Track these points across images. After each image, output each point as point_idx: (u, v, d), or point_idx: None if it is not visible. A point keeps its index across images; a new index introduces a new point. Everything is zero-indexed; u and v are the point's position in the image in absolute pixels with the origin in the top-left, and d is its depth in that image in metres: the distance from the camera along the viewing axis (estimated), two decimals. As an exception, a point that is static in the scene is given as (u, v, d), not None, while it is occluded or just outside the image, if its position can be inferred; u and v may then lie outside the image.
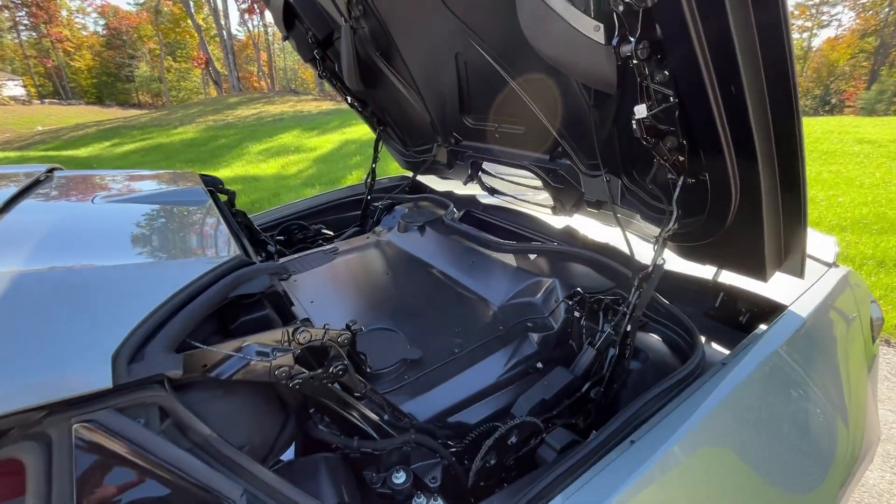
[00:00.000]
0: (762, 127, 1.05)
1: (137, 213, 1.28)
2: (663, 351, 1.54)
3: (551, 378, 1.47)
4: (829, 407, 1.29)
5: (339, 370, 1.02)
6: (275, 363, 0.94)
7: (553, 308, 1.76)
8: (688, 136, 1.16)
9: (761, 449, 1.11)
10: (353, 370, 1.04)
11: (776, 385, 1.23)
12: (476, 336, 1.69)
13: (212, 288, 0.93)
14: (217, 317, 1.01)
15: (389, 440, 1.09)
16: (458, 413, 1.46)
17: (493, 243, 2.13)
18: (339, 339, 1.02)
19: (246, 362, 0.89)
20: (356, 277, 2.19)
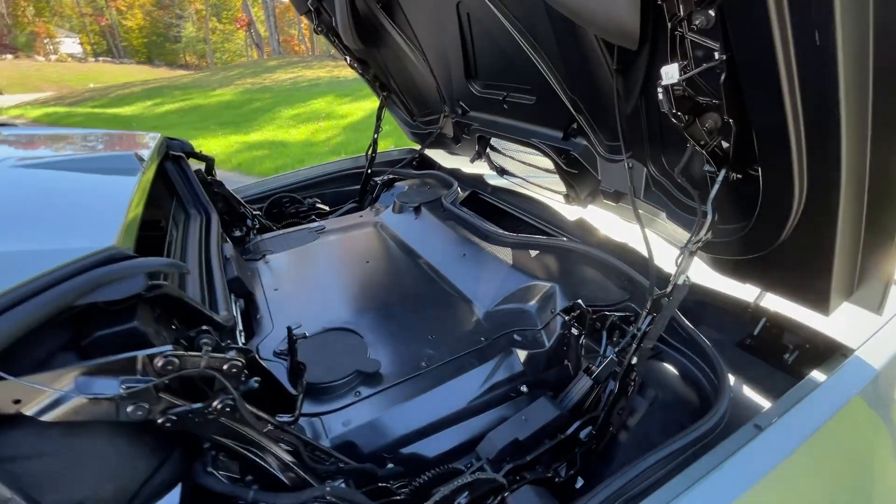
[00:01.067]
0: (857, 101, 0.69)
1: (35, 181, 1.06)
2: (678, 389, 1.21)
3: (532, 411, 1.18)
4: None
5: (225, 405, 0.78)
6: (124, 399, 0.70)
7: (548, 320, 1.46)
8: (737, 113, 0.80)
9: None
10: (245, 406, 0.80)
11: (832, 466, 0.90)
12: (452, 346, 1.41)
13: (47, 293, 0.69)
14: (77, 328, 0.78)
15: (295, 495, 0.86)
16: (415, 443, 1.21)
17: (491, 234, 1.82)
18: (225, 368, 0.77)
19: (75, 400, 0.66)
20: (333, 263, 1.95)
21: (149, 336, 0.79)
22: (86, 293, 0.72)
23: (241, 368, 0.79)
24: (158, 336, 0.82)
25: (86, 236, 0.86)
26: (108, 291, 0.75)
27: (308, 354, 1.36)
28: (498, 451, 1.10)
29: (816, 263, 0.95)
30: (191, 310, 0.96)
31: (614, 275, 1.52)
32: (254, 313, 1.61)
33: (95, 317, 0.78)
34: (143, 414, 0.72)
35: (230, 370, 0.77)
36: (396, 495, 1.02)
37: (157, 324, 0.84)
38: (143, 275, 0.79)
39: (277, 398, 1.01)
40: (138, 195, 1.13)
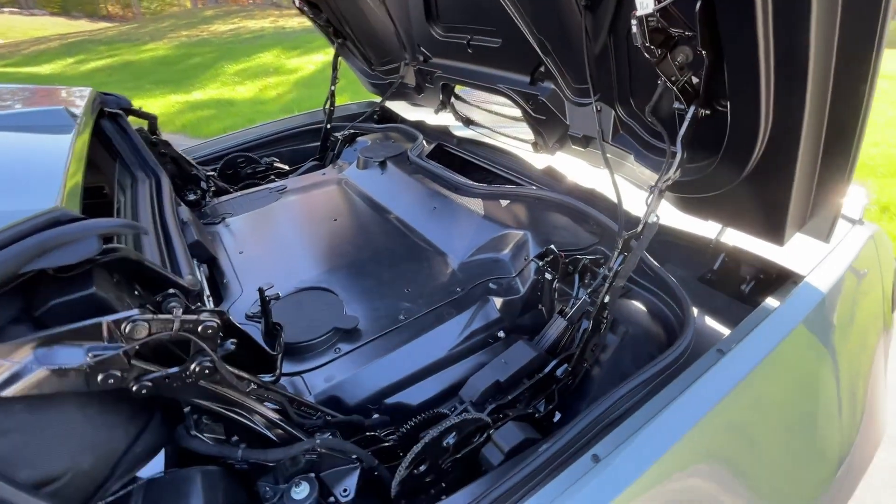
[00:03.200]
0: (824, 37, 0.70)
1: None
2: (646, 324, 1.28)
3: (510, 354, 1.22)
4: (841, 407, 1.06)
5: (203, 368, 0.75)
6: (93, 368, 0.66)
7: (521, 267, 1.48)
8: (710, 45, 0.80)
9: (760, 471, 0.89)
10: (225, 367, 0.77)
11: (785, 383, 0.99)
12: (428, 299, 1.42)
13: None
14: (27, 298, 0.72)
15: (284, 449, 0.86)
16: (398, 393, 1.23)
17: (462, 186, 1.80)
18: (200, 330, 0.74)
19: (37, 373, 0.62)
20: (299, 223, 1.88)
21: (110, 302, 0.74)
22: (32, 259, 0.66)
23: (217, 329, 0.75)
24: (121, 302, 0.77)
25: (23, 199, 0.78)
26: (57, 256, 0.68)
27: (283, 315, 1.33)
28: (480, 393, 1.14)
29: (775, 197, 1.00)
30: (152, 274, 0.91)
31: (583, 220, 1.55)
32: (220, 278, 1.55)
33: (46, 285, 0.72)
34: (114, 382, 0.69)
35: (205, 331, 0.74)
36: (385, 442, 1.05)
37: (117, 290, 0.79)
38: (95, 237, 0.72)
39: (256, 360, 0.98)
40: (77, 155, 1.03)
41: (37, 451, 0.67)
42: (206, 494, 0.80)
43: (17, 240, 0.66)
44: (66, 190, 0.82)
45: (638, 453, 0.80)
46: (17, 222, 0.68)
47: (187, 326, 0.73)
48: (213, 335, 0.76)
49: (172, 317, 0.71)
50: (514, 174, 1.93)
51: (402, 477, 0.91)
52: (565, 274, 1.38)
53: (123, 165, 1.65)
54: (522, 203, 1.67)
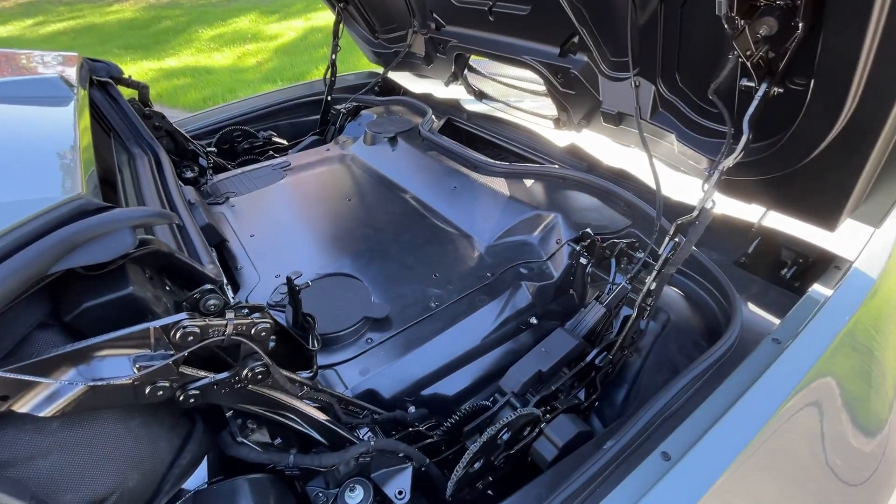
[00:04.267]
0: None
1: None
2: (686, 311, 1.25)
3: (551, 343, 1.18)
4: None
5: (256, 373, 0.68)
6: (141, 379, 0.58)
7: (553, 251, 1.43)
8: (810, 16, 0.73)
9: (826, 473, 0.87)
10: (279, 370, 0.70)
11: (846, 375, 0.97)
12: (458, 284, 1.36)
13: (12, 260, 0.53)
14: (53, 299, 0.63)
15: (339, 454, 0.81)
16: (434, 384, 1.19)
17: (481, 164, 1.72)
18: (254, 332, 0.66)
19: (78, 389, 0.54)
20: (310, 203, 1.77)
21: (148, 303, 0.66)
22: (61, 257, 0.57)
23: (271, 329, 0.68)
24: (158, 302, 0.69)
25: (35, 184, 0.67)
26: (89, 252, 0.59)
27: (306, 304, 1.25)
28: (522, 384, 1.09)
29: (840, 182, 0.95)
30: (183, 268, 0.82)
31: (614, 201, 1.50)
32: (233, 264, 1.45)
33: (75, 285, 0.63)
34: (164, 394, 0.61)
35: (259, 334, 0.67)
36: (430, 438, 1.00)
37: (153, 288, 0.70)
38: (129, 229, 0.63)
39: (293, 356, 0.92)
40: (83, 129, 0.91)
41: (80, 471, 0.60)
42: (255, 500, 0.75)
43: (42, 235, 0.57)
44: (83, 173, 0.72)
45: (713, 452, 0.77)
46: (38, 213, 0.59)
47: (240, 329, 0.65)
48: (266, 337, 0.68)
49: (225, 321, 0.63)
50: (533, 152, 1.85)
51: (458, 476, 0.87)
52: (601, 258, 1.34)
53: (119, 141, 1.51)
54: (548, 183, 1.61)
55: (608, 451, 0.82)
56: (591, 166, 1.69)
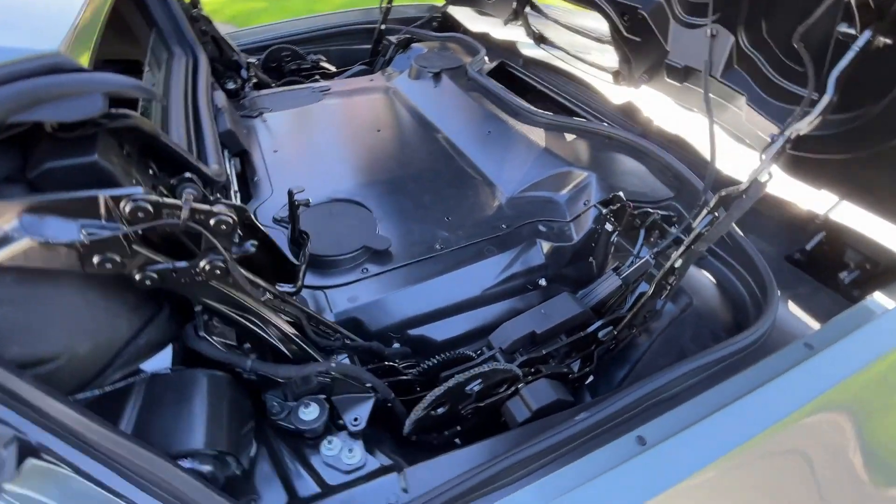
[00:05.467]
0: None
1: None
2: (714, 298, 1.12)
3: (552, 306, 1.10)
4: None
5: (214, 268, 0.66)
6: (87, 248, 0.57)
7: (579, 212, 1.31)
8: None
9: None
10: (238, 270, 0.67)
11: (879, 411, 0.82)
12: (469, 231, 1.28)
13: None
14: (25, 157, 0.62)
15: (297, 367, 0.79)
16: (424, 326, 1.15)
17: (523, 111, 1.58)
18: (213, 224, 0.63)
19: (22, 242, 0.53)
20: (340, 129, 1.72)
21: (115, 176, 0.63)
22: (22, 109, 0.55)
23: (233, 225, 0.65)
24: (128, 178, 0.66)
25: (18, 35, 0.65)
26: (53, 110, 0.57)
27: (311, 225, 1.23)
28: (512, 341, 1.03)
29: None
30: (171, 154, 0.80)
31: (660, 169, 1.33)
32: (251, 175, 1.45)
33: (43, 145, 0.61)
34: (113, 268, 0.60)
35: (218, 226, 0.64)
36: (403, 375, 0.97)
37: (126, 164, 0.68)
38: (100, 95, 0.60)
39: (277, 267, 0.90)
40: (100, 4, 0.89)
41: (30, 328, 0.60)
42: (209, 398, 0.75)
43: (4, 83, 0.55)
44: (74, 34, 0.69)
45: (696, 445, 0.68)
46: (7, 62, 0.56)
47: (198, 217, 0.62)
48: (228, 232, 0.65)
49: (181, 202, 0.60)
50: (585, 107, 1.69)
51: (417, 416, 0.84)
52: (629, 228, 1.21)
53: (159, 37, 1.51)
54: (591, 140, 1.46)
55: (579, 422, 0.75)
56: (645, 130, 1.51)
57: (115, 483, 0.56)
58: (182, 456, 0.68)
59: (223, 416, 0.74)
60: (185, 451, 0.68)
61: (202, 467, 0.68)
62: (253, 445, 0.81)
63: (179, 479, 0.61)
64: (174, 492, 0.59)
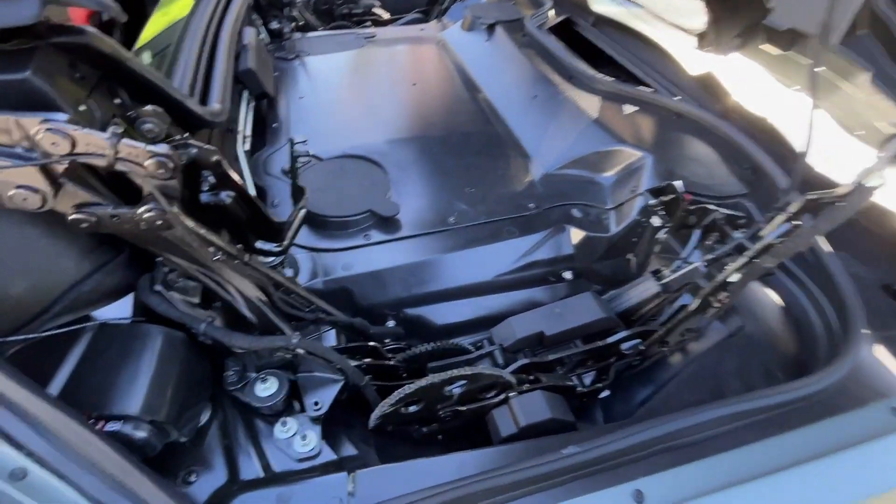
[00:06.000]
0: None
1: None
2: (776, 326, 0.91)
3: (570, 305, 0.94)
4: None
5: (152, 217, 0.57)
6: None
7: (624, 199, 1.11)
8: None
9: None
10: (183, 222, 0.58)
11: None
12: (491, 206, 1.13)
13: None
14: None
15: (251, 338, 0.70)
16: (422, 306, 1.03)
17: (579, 75, 1.36)
18: (147, 165, 0.53)
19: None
20: (374, 79, 1.59)
21: (54, 99, 0.55)
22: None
23: (173, 169, 0.55)
24: (75, 104, 0.58)
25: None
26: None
27: (318, 180, 1.14)
28: (516, 340, 0.89)
29: None
30: (144, 83, 0.71)
31: (735, 157, 1.09)
32: (270, 120, 1.36)
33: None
34: (30, 203, 0.52)
35: (154, 169, 0.54)
36: (386, 359, 0.87)
37: (76, 87, 0.60)
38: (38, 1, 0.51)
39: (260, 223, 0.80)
40: None
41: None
42: (159, 359, 0.68)
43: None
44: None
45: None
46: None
47: (129, 154, 0.53)
48: (167, 177, 0.55)
49: (107, 136, 0.51)
50: (656, 76, 1.42)
51: (383, 412, 0.73)
52: (682, 225, 1.00)
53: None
54: (655, 115, 1.23)
55: (568, 456, 0.61)
56: (725, 108, 1.25)
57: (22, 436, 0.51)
58: (113, 419, 0.62)
59: (169, 381, 0.67)
60: (116, 415, 0.62)
61: (135, 433, 0.63)
62: (206, 413, 0.75)
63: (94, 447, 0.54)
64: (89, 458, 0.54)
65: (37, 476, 0.53)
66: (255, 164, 1.19)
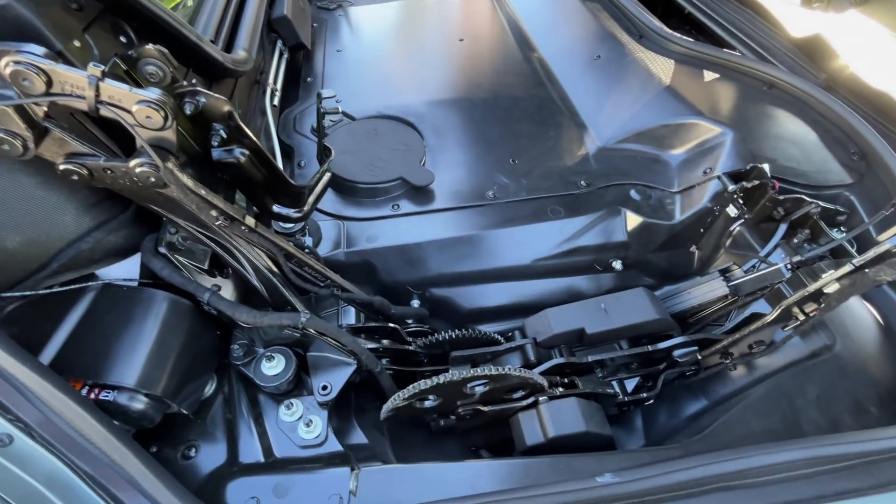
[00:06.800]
0: None
1: None
2: (874, 351, 0.75)
3: (619, 301, 0.82)
4: None
5: (144, 171, 0.50)
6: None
7: (694, 182, 0.95)
8: None
9: None
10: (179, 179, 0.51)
11: None
12: (536, 181, 1.01)
13: None
14: None
15: (256, 314, 0.64)
16: (452, 287, 0.94)
17: (652, 34, 1.18)
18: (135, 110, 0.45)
19: None
20: (420, 33, 1.46)
21: (37, 27, 0.48)
22: None
23: (167, 117, 0.47)
24: (65, 36, 0.51)
25: None
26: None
27: (350, 142, 1.05)
28: (552, 335, 0.79)
29: None
30: (154, 20, 0.63)
31: (840, 140, 0.90)
32: (306, 74, 1.27)
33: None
34: (14, 151, 0.46)
35: (143, 116, 0.46)
36: (406, 343, 0.79)
37: (72, 19, 0.53)
38: None
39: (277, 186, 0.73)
40: None
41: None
42: (162, 327, 0.64)
43: None
44: None
45: None
46: None
47: (113, 97, 0.45)
48: (160, 124, 0.48)
49: (85, 74, 0.43)
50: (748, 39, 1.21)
51: (395, 405, 0.66)
52: (764, 217, 0.84)
53: None
54: (741, 84, 1.03)
55: (601, 487, 0.52)
56: (831, 79, 1.04)
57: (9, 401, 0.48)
58: (109, 388, 0.58)
59: (171, 352, 0.63)
60: (112, 384, 0.58)
61: (131, 404, 0.59)
62: (211, 385, 0.71)
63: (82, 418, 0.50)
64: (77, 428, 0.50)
65: (22, 443, 0.50)
66: (284, 121, 1.11)
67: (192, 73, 0.77)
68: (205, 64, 0.76)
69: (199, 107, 0.57)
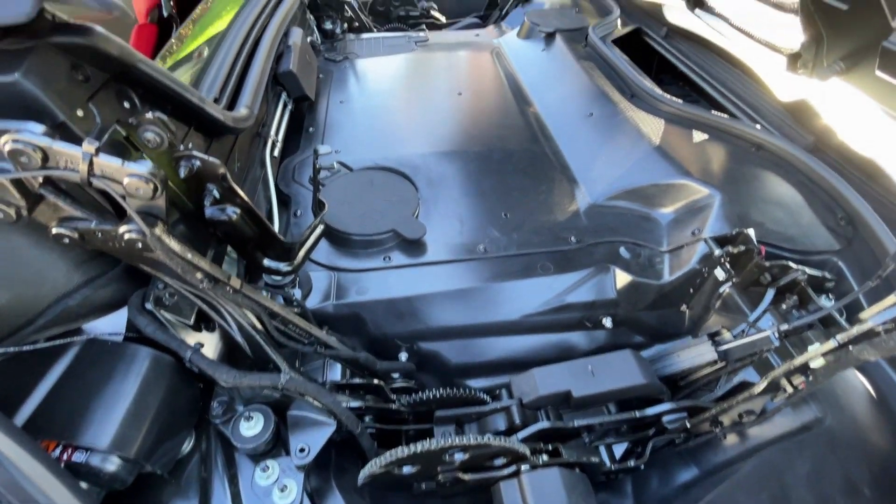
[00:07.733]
0: None
1: None
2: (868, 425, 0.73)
3: (606, 363, 0.81)
4: None
5: (133, 238, 0.51)
6: (-36, 188, 0.45)
7: (683, 242, 0.96)
8: None
9: None
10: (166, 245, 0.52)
11: None
12: (527, 236, 1.02)
13: None
14: None
15: (236, 374, 0.63)
16: (439, 341, 0.94)
17: (643, 94, 1.22)
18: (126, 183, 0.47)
19: None
20: (420, 85, 1.52)
21: (46, 104, 0.51)
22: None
23: (156, 189, 0.49)
24: (69, 107, 0.54)
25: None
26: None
27: (346, 192, 1.07)
28: (538, 396, 0.78)
29: None
30: (158, 87, 0.66)
31: (827, 205, 0.91)
32: (308, 124, 1.32)
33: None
34: (8, 217, 0.48)
35: (133, 188, 0.48)
36: (390, 402, 0.78)
37: (78, 91, 0.56)
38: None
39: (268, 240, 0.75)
40: None
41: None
42: (141, 384, 0.63)
43: None
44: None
45: None
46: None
47: (107, 171, 0.47)
48: (149, 195, 0.49)
49: (80, 151, 0.45)
50: (736, 100, 1.25)
51: (372, 472, 0.65)
52: (752, 282, 0.84)
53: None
54: (729, 145, 1.06)
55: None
56: (818, 142, 1.06)
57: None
58: (83, 449, 0.57)
59: (149, 411, 0.62)
60: (85, 445, 0.57)
61: (103, 466, 0.58)
62: (188, 442, 0.70)
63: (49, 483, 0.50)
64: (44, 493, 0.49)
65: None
66: (284, 170, 1.15)
67: (194, 131, 0.80)
68: (206, 123, 0.80)
69: (194, 169, 0.59)
